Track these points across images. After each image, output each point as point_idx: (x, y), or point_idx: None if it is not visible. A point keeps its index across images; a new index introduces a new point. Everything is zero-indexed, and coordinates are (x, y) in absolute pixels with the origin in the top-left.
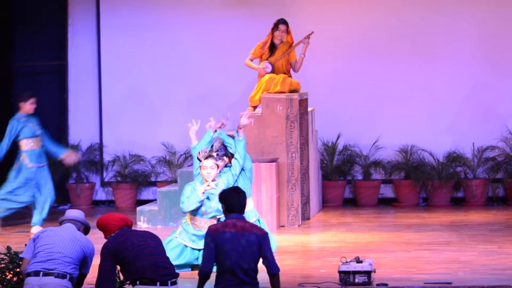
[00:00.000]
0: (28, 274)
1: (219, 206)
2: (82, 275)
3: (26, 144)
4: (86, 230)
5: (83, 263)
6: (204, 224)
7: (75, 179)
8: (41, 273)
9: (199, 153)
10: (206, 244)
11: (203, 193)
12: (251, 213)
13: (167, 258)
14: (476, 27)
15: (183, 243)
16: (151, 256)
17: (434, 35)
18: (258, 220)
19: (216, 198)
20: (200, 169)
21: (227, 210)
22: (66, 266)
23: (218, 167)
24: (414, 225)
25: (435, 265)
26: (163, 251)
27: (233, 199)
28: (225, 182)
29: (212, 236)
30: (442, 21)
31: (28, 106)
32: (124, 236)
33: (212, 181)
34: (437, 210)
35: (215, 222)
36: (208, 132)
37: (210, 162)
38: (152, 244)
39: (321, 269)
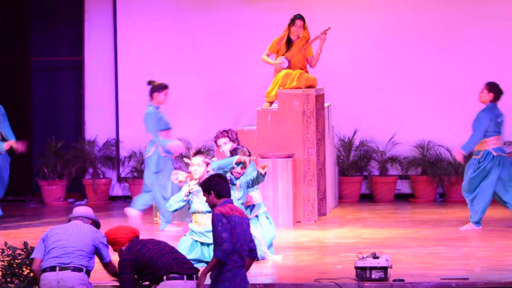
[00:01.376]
0: (44, 270)
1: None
2: (107, 265)
3: None
4: (95, 225)
5: (99, 254)
6: (204, 220)
7: (92, 175)
8: (57, 267)
9: (190, 149)
10: (223, 224)
11: (187, 195)
12: (258, 206)
13: (185, 256)
14: (493, 21)
15: (192, 238)
16: (171, 254)
17: (451, 29)
18: (265, 213)
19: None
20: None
21: (217, 196)
22: (81, 259)
23: (207, 165)
24: (431, 220)
25: (451, 261)
26: (178, 251)
27: (222, 184)
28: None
29: (228, 218)
30: (460, 15)
31: None
32: (138, 245)
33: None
34: (454, 206)
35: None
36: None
37: (198, 159)
38: (167, 245)
39: (338, 265)
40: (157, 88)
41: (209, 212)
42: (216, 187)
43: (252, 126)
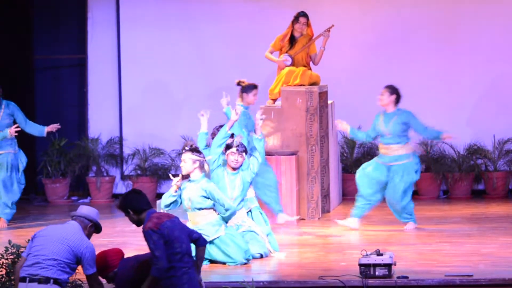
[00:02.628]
0: (21, 279)
1: (197, 198)
2: (89, 277)
3: None
4: (97, 228)
5: (81, 264)
6: (194, 218)
7: (95, 173)
8: (27, 279)
9: (186, 142)
10: (154, 242)
11: (176, 190)
12: (251, 201)
13: None
14: (497, 18)
15: None
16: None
17: (455, 26)
18: (258, 209)
19: (194, 192)
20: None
21: (135, 212)
22: (49, 270)
23: (195, 162)
24: (435, 217)
25: (455, 257)
26: None
27: (137, 199)
28: (241, 181)
29: (158, 230)
30: (463, 12)
31: None
32: (130, 262)
33: (187, 176)
34: (457, 203)
35: (206, 213)
36: (224, 127)
37: (185, 156)
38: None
39: (342, 262)
40: (246, 88)
41: (197, 209)
42: (131, 204)
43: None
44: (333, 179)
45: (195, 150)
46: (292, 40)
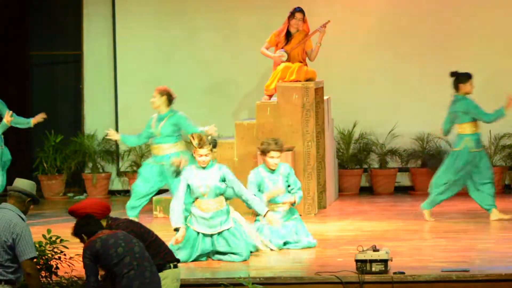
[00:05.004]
0: None
1: (215, 182)
2: (24, 263)
3: None
4: (35, 202)
5: (14, 250)
6: (208, 206)
7: (91, 169)
8: None
9: (192, 136)
10: (87, 265)
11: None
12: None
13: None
14: (492, 14)
15: (195, 230)
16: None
17: (451, 23)
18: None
19: (212, 179)
20: (194, 153)
21: (89, 236)
22: None
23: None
24: (431, 213)
25: (452, 253)
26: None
27: (89, 224)
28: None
29: (88, 249)
30: (459, 9)
31: None
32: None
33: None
34: (454, 198)
35: (218, 202)
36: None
37: (205, 150)
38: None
39: (338, 258)
40: (461, 79)
41: (215, 195)
42: (84, 229)
43: (251, 119)
44: (329, 175)
45: (213, 142)
46: (288, 36)
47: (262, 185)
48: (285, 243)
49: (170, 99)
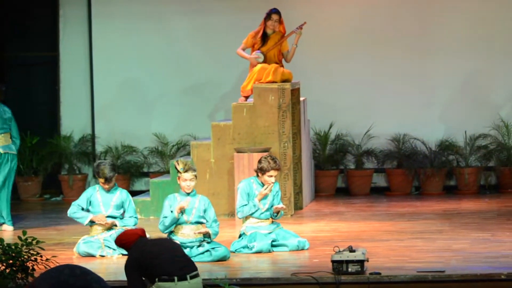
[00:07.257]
0: None
1: (199, 212)
2: None
3: None
4: None
5: None
6: (190, 232)
7: (67, 170)
8: None
9: (177, 162)
10: None
11: (179, 213)
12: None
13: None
14: (468, 16)
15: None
16: (169, 253)
17: (426, 24)
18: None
19: (196, 204)
20: (178, 180)
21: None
22: None
23: (196, 178)
24: (407, 213)
25: (428, 253)
26: (179, 249)
27: (51, 276)
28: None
29: None
30: (435, 10)
31: None
32: (143, 244)
33: (190, 193)
34: (429, 199)
35: (201, 228)
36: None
37: (189, 175)
38: (168, 245)
39: (314, 259)
40: None
41: (197, 223)
42: (45, 282)
43: (228, 120)
44: (305, 176)
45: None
46: (265, 37)
47: (252, 195)
48: (273, 241)
49: None
